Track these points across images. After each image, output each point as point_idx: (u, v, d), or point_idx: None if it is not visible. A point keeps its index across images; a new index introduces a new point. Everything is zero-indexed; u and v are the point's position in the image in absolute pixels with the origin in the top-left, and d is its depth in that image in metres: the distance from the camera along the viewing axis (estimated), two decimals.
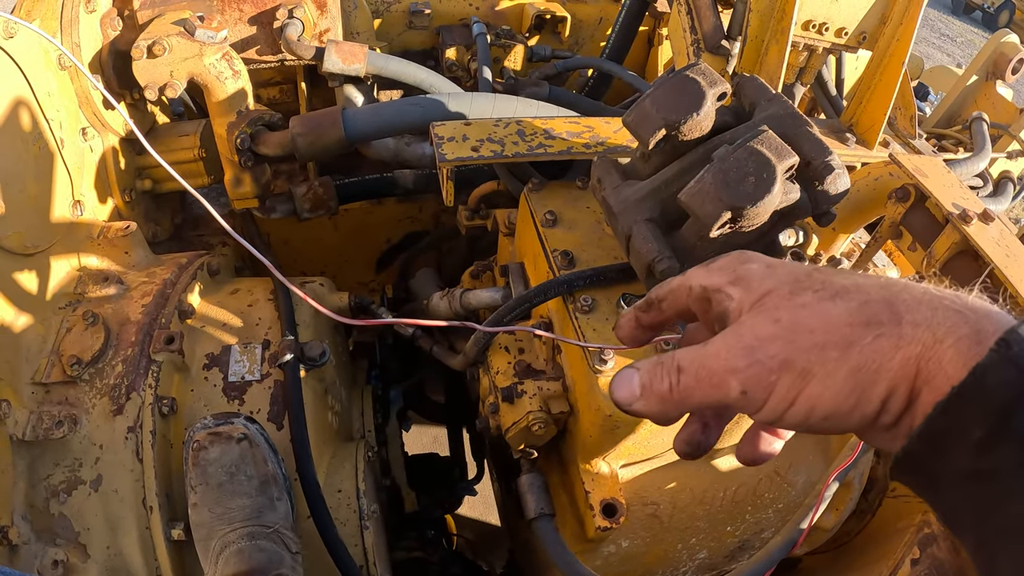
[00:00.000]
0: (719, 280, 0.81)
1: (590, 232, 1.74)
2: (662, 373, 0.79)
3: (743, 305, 0.77)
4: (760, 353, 0.73)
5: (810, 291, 0.74)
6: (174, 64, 2.06)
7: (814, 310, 0.72)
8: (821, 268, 0.78)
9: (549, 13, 3.09)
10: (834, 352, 0.69)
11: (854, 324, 0.70)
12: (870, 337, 0.68)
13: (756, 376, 0.73)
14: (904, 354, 0.67)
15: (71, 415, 1.64)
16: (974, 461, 0.63)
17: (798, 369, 0.71)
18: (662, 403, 0.79)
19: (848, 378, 0.69)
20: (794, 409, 0.72)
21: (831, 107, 2.65)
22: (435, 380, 2.87)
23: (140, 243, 2.07)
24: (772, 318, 0.74)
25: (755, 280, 0.78)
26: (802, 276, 0.76)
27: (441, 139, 1.77)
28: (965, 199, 1.79)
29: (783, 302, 0.74)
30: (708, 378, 0.76)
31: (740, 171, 1.22)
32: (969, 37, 16.22)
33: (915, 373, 0.67)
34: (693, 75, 1.38)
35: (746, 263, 0.81)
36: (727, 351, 0.75)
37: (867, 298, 0.71)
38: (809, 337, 0.71)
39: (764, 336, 0.73)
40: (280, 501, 1.61)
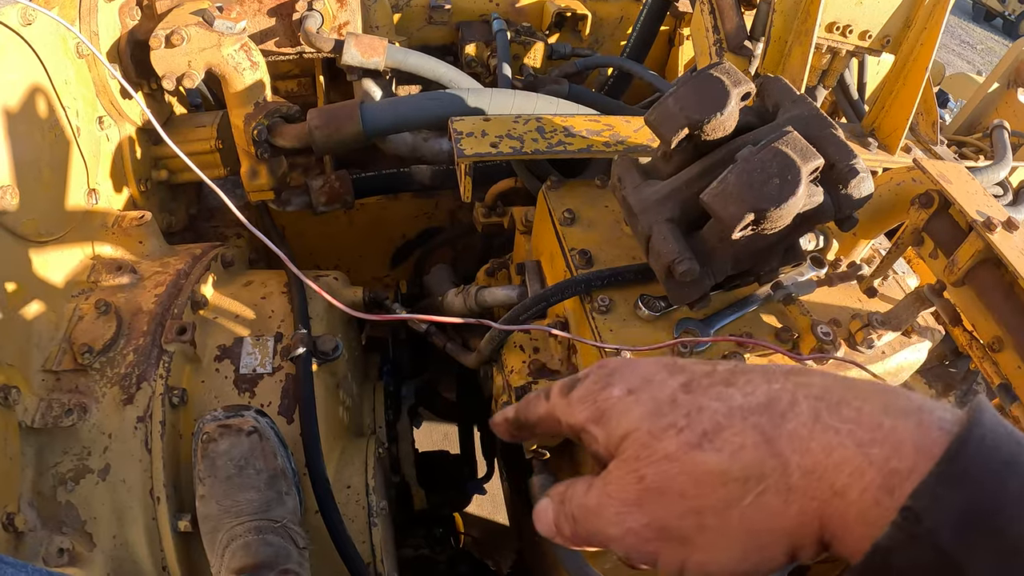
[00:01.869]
0: (581, 416, 0.71)
1: (609, 231, 1.73)
2: (563, 518, 0.71)
3: (609, 449, 0.68)
4: (630, 521, 0.64)
5: (673, 431, 0.63)
6: (192, 54, 2.05)
7: (681, 465, 0.62)
8: (692, 381, 0.67)
9: (570, 11, 3.08)
10: (712, 519, 0.60)
11: (728, 481, 0.59)
12: (751, 496, 0.58)
13: (632, 545, 0.65)
14: (799, 509, 0.57)
15: (81, 403, 1.63)
16: None
17: (676, 538, 0.62)
18: (573, 544, 0.72)
19: (735, 543, 0.60)
20: (687, 572, 0.64)
21: (852, 111, 2.63)
22: (447, 377, 2.86)
23: (154, 233, 2.06)
24: (636, 476, 0.64)
25: (614, 417, 0.68)
26: (665, 404, 0.65)
27: (460, 134, 1.75)
28: (989, 207, 1.76)
29: (644, 452, 0.64)
30: (595, 535, 0.68)
31: (764, 172, 1.20)
32: (989, 44, 16.13)
33: (819, 528, 0.57)
34: (717, 74, 1.36)
35: (605, 388, 0.70)
36: (600, 514, 0.67)
37: (742, 441, 0.60)
38: (680, 502, 0.62)
39: (630, 500, 0.64)
40: (288, 496, 1.60)
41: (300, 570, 1.52)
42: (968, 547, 0.48)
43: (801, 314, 1.58)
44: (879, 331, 1.59)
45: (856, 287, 1.77)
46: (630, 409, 0.67)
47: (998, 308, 1.56)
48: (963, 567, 0.48)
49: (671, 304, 1.51)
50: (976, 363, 1.61)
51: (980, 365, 1.59)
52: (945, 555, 0.49)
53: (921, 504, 0.50)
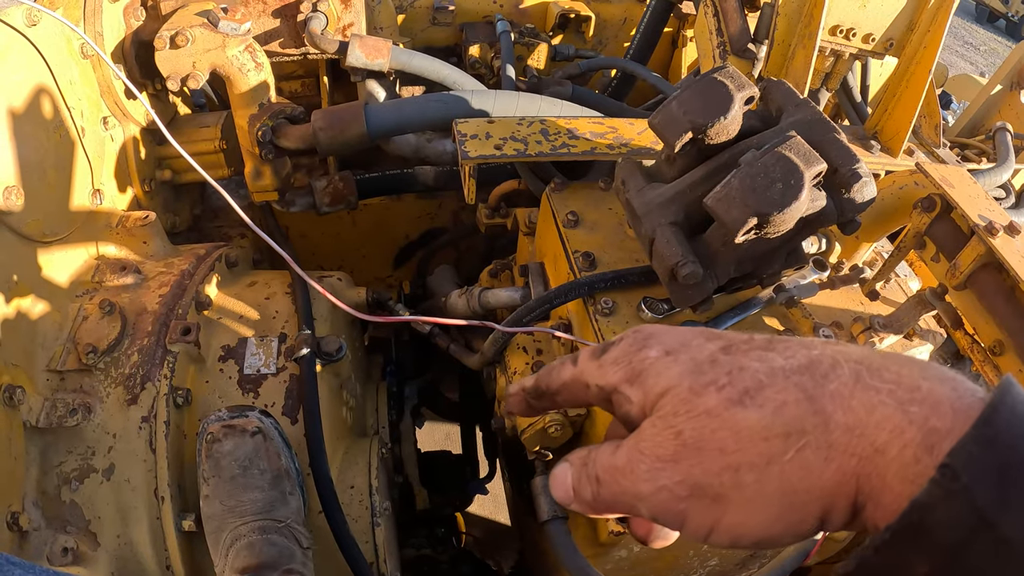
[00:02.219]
0: (614, 378, 0.70)
1: (612, 234, 1.73)
2: (585, 480, 0.70)
3: (644, 408, 0.67)
4: (664, 478, 0.63)
5: (713, 389, 0.63)
6: (197, 55, 2.05)
7: (721, 420, 0.61)
8: (732, 345, 0.67)
9: (573, 12, 3.09)
10: (750, 475, 0.60)
11: (770, 437, 0.59)
12: (792, 451, 0.58)
13: (663, 504, 0.63)
14: (837, 467, 0.57)
15: (85, 403, 1.64)
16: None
17: (710, 495, 0.61)
18: (591, 509, 0.70)
19: (771, 503, 0.59)
20: (716, 536, 0.63)
21: (855, 114, 2.63)
22: (449, 377, 2.86)
23: (158, 233, 2.07)
24: (674, 431, 0.63)
25: (651, 376, 0.67)
26: (705, 364, 0.65)
27: (464, 136, 1.76)
28: (991, 211, 1.77)
29: (683, 408, 0.63)
30: (621, 496, 0.67)
31: (767, 177, 1.20)
32: (992, 46, 16.11)
33: (855, 488, 0.57)
34: (721, 78, 1.37)
35: (642, 350, 0.69)
36: (631, 471, 0.65)
37: (784, 398, 0.60)
38: (719, 458, 0.61)
39: (666, 456, 0.63)
40: (292, 496, 1.61)
41: (304, 570, 1.53)
42: (1002, 505, 0.49)
43: (803, 317, 1.59)
44: (881, 334, 1.60)
45: (858, 290, 1.77)
46: (669, 368, 0.66)
47: (999, 312, 1.56)
48: (996, 524, 0.49)
49: (674, 307, 1.52)
50: (977, 366, 1.62)
51: (981, 368, 1.60)
52: (980, 512, 0.49)
53: (959, 462, 0.50)
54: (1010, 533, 0.49)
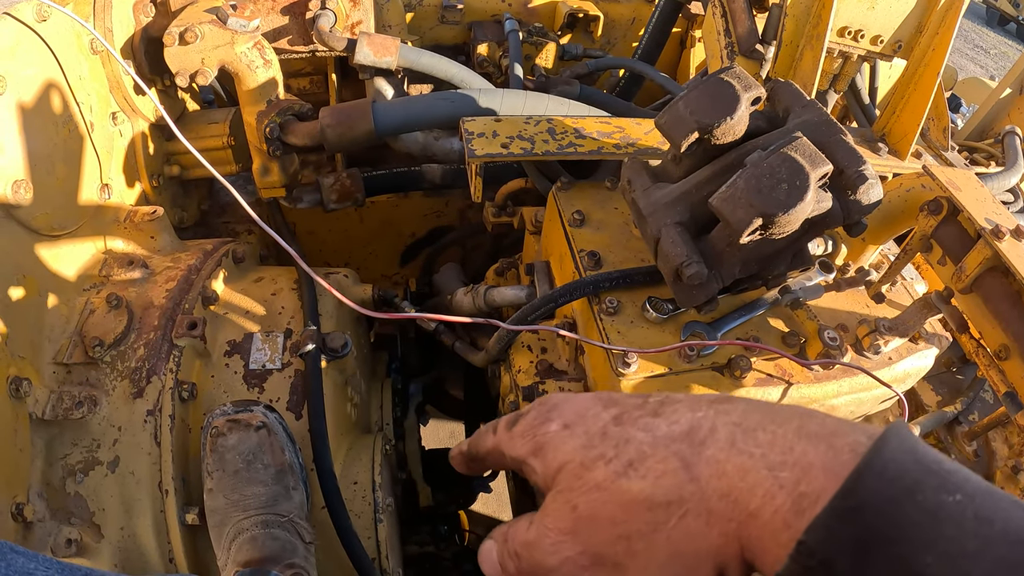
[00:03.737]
0: (522, 451, 0.74)
1: (618, 233, 1.73)
2: (507, 556, 0.72)
3: (547, 481, 0.71)
4: (566, 550, 0.66)
5: (602, 462, 0.66)
6: (205, 52, 2.06)
7: (609, 493, 0.64)
8: (623, 414, 0.70)
9: (582, 12, 3.09)
10: (640, 543, 0.62)
11: (653, 506, 0.62)
12: (674, 519, 0.61)
13: (571, 574, 0.66)
14: (719, 531, 0.59)
15: (91, 396, 1.64)
16: None
17: (609, 564, 0.64)
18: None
19: (664, 568, 0.62)
20: None
21: (864, 115, 2.63)
22: (454, 375, 2.87)
23: (166, 228, 2.07)
24: (570, 505, 0.67)
25: (550, 450, 0.71)
26: (596, 437, 0.68)
27: (471, 135, 1.76)
28: (998, 214, 1.76)
29: (576, 482, 0.67)
30: (536, 569, 0.69)
31: (773, 177, 1.20)
32: (1003, 49, 16.04)
33: (740, 548, 0.59)
34: (728, 78, 1.37)
35: (544, 424, 0.73)
36: (539, 545, 0.68)
37: (664, 468, 0.62)
38: (611, 528, 0.64)
39: (565, 529, 0.66)
40: (296, 491, 1.61)
41: (306, 564, 1.53)
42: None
43: (808, 319, 1.59)
44: (886, 337, 1.60)
45: (864, 293, 1.77)
46: (565, 442, 0.69)
47: (1005, 316, 1.56)
48: None
49: (679, 307, 1.52)
50: (982, 370, 1.61)
51: (986, 373, 1.59)
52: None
53: (815, 538, 0.51)
54: None
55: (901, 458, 0.52)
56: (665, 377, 1.46)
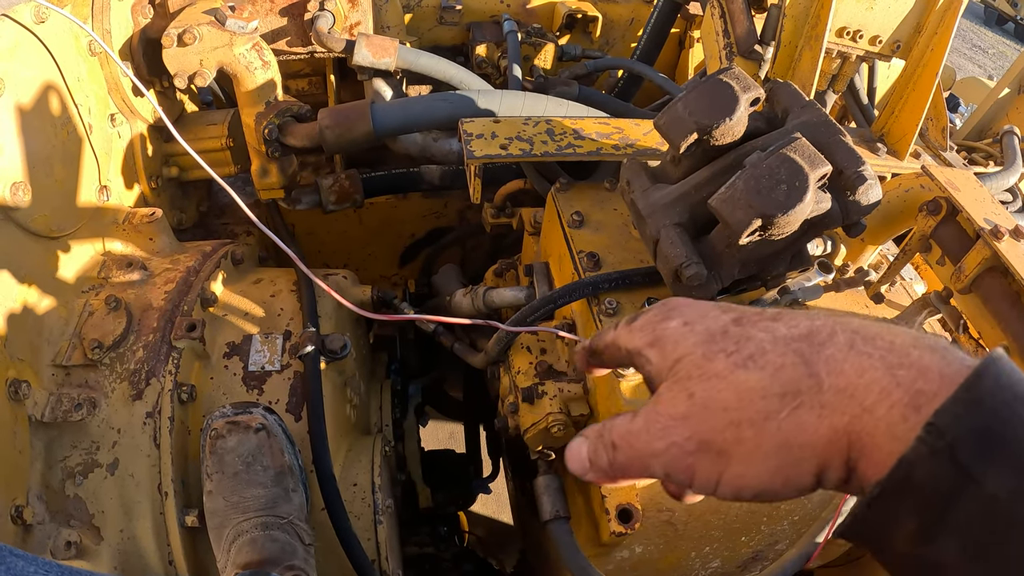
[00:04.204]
0: (638, 342, 0.78)
1: (617, 234, 1.73)
2: (601, 448, 0.75)
3: (661, 372, 0.74)
4: (675, 434, 0.69)
5: (723, 355, 0.69)
6: (204, 53, 2.06)
7: (727, 382, 0.67)
8: (743, 317, 0.73)
9: (580, 12, 3.09)
10: (749, 431, 0.65)
11: (768, 395, 0.65)
12: (787, 410, 0.64)
13: (674, 459, 0.69)
14: (830, 425, 0.62)
15: (90, 398, 1.64)
16: (916, 548, 0.58)
17: (715, 450, 0.67)
18: (606, 476, 0.76)
19: (769, 457, 0.65)
20: (721, 488, 0.68)
21: (862, 116, 2.63)
22: (454, 377, 2.87)
23: (165, 230, 2.07)
24: (686, 392, 0.70)
25: (670, 343, 0.74)
26: (717, 334, 0.72)
27: (470, 136, 1.76)
28: (997, 214, 1.77)
29: (696, 371, 0.70)
30: (636, 457, 0.72)
31: (772, 178, 1.20)
32: (1001, 49, 16.05)
33: (847, 445, 0.61)
34: (727, 79, 1.37)
35: (665, 320, 0.77)
36: (647, 431, 0.71)
37: (783, 362, 0.65)
38: (723, 415, 0.67)
39: (678, 415, 0.69)
40: (295, 492, 1.61)
41: (305, 566, 1.53)
42: (985, 463, 0.52)
43: None
44: None
45: (863, 293, 1.77)
46: (685, 337, 0.73)
47: (1004, 316, 1.56)
48: (979, 480, 0.52)
49: None
50: None
51: None
52: (964, 470, 0.53)
53: (944, 421, 0.54)
54: (996, 490, 0.52)
55: (1012, 372, 0.56)
56: None
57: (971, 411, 0.54)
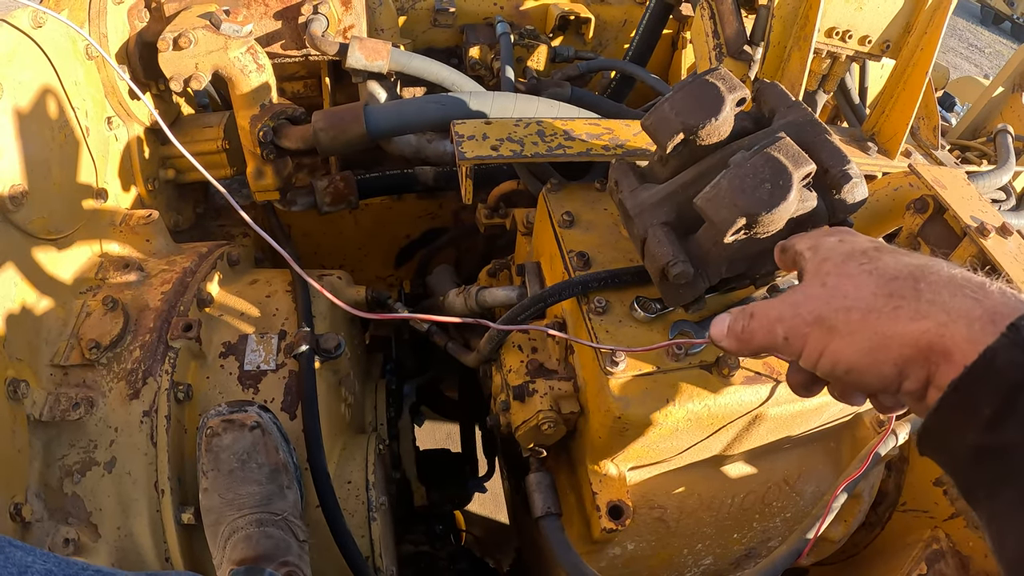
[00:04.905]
0: (803, 245, 1.04)
1: (607, 234, 1.74)
2: (741, 317, 1.01)
3: (811, 267, 0.98)
4: (803, 308, 0.92)
5: (856, 263, 0.91)
6: (199, 56, 2.07)
7: (853, 279, 0.88)
8: (881, 246, 0.94)
9: (573, 14, 3.10)
10: (856, 315, 0.85)
11: (879, 294, 0.84)
12: (890, 307, 0.82)
13: (795, 327, 0.92)
14: (918, 327, 0.78)
15: (88, 398, 1.66)
16: (985, 437, 0.71)
17: (827, 325, 0.88)
18: (737, 341, 1.02)
19: (865, 338, 0.83)
20: (823, 360, 0.89)
21: (854, 115, 2.65)
22: (449, 376, 2.88)
23: (161, 231, 2.09)
24: (821, 281, 0.93)
25: (824, 248, 0.98)
26: (858, 251, 0.93)
27: (461, 137, 1.77)
28: (984, 212, 1.78)
29: (834, 269, 0.93)
30: (766, 323, 0.96)
31: (756, 177, 1.22)
32: (997, 48, 16.06)
33: (928, 346, 0.77)
34: (713, 80, 1.39)
35: (828, 236, 1.02)
36: (783, 304, 0.95)
37: (897, 274, 0.85)
38: (842, 300, 0.87)
39: (811, 295, 0.92)
40: (290, 490, 1.63)
41: (300, 563, 1.55)
42: None
43: None
44: None
45: None
46: (836, 247, 0.97)
47: None
48: None
49: (666, 306, 1.53)
50: None
51: None
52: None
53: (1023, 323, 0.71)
54: None
55: None
56: (653, 376, 1.48)
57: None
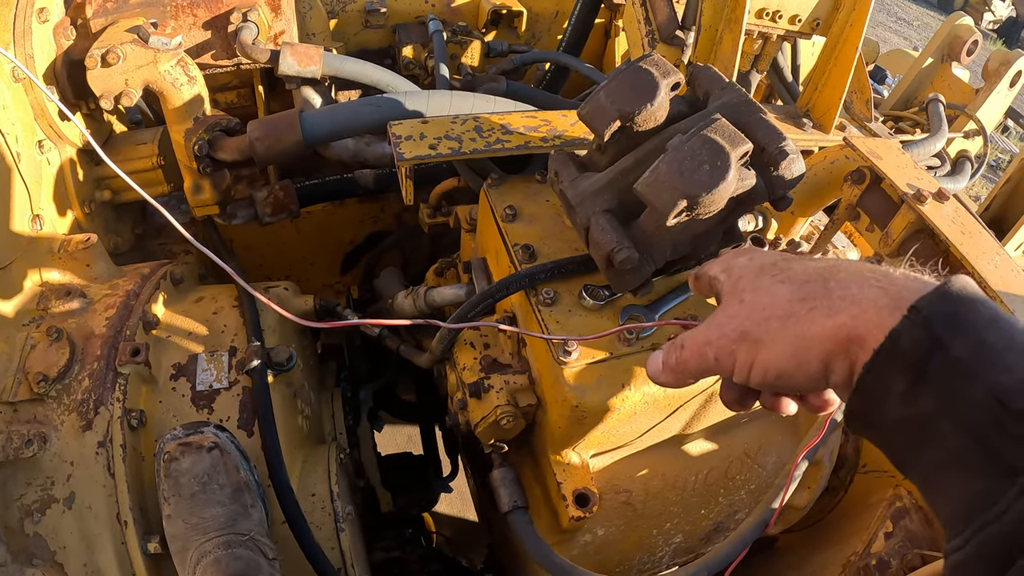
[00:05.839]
0: (716, 269, 1.08)
1: (551, 225, 1.75)
2: (671, 350, 1.05)
3: (727, 288, 1.02)
4: (727, 327, 0.96)
5: (769, 276, 0.95)
6: (129, 72, 2.04)
7: (768, 291, 0.93)
8: (788, 256, 0.99)
9: (505, 8, 3.10)
10: (776, 323, 0.90)
11: (793, 299, 0.89)
12: (806, 309, 0.87)
13: (723, 346, 0.96)
14: (834, 322, 0.84)
15: (40, 433, 1.62)
16: (902, 410, 0.77)
17: (752, 338, 0.92)
18: (673, 373, 1.06)
19: (788, 343, 0.88)
20: (754, 371, 0.93)
21: (788, 93, 2.68)
22: (405, 379, 2.87)
23: (101, 255, 2.05)
24: (739, 299, 0.97)
25: (736, 269, 1.02)
26: (768, 265, 0.98)
27: (399, 138, 1.77)
28: (919, 179, 1.82)
29: (749, 285, 0.97)
30: (696, 349, 1.00)
31: (694, 160, 1.23)
32: (925, 20, 16.37)
33: (846, 338, 0.83)
34: (646, 66, 1.40)
35: (737, 256, 1.06)
36: (709, 328, 0.99)
37: (808, 278, 0.90)
38: (761, 312, 0.92)
39: (732, 314, 0.97)
40: (254, 508, 1.61)
41: None
42: (952, 334, 0.74)
43: None
44: None
45: None
46: (746, 265, 1.01)
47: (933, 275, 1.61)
48: (949, 346, 0.74)
49: (614, 292, 1.54)
50: None
51: None
52: (936, 336, 0.74)
53: (922, 304, 0.76)
54: (959, 353, 0.73)
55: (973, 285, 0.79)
56: (607, 362, 1.49)
57: (942, 301, 0.76)
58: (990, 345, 0.73)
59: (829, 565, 1.92)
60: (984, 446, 0.70)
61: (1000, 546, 0.67)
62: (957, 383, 0.73)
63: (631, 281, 1.42)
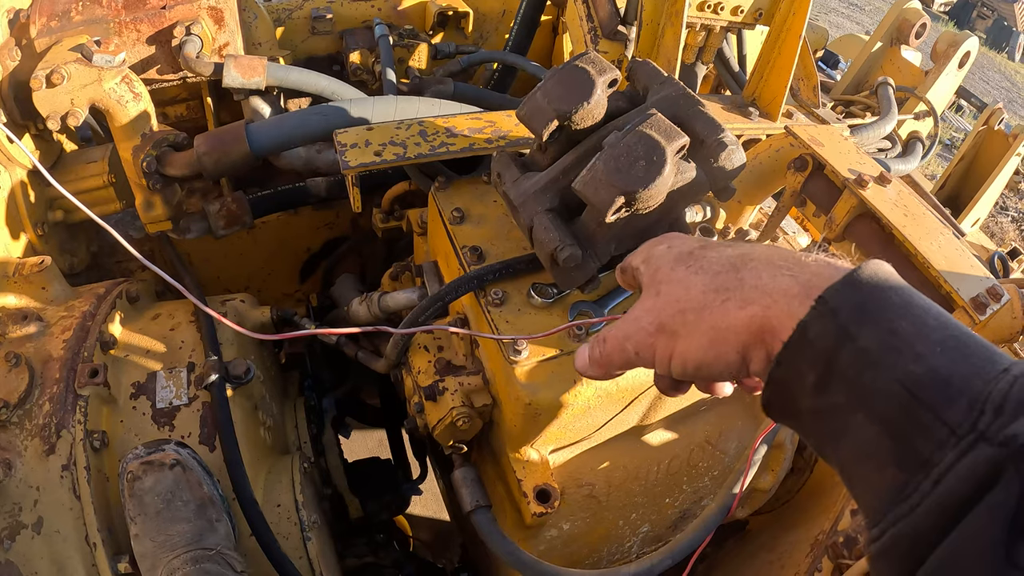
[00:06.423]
0: (637, 260, 1.07)
1: (498, 226, 1.77)
2: (596, 344, 1.04)
3: (646, 279, 1.01)
4: (644, 321, 0.96)
5: (683, 266, 0.95)
6: (74, 92, 2.03)
7: (683, 282, 0.93)
8: (706, 243, 0.99)
9: (451, 9, 3.10)
10: (692, 315, 0.90)
11: (707, 290, 0.89)
12: (719, 301, 0.87)
13: (641, 340, 0.96)
14: (747, 313, 0.84)
15: (4, 460, 1.61)
16: (815, 401, 0.77)
17: (668, 331, 0.93)
18: (598, 366, 1.05)
19: (704, 334, 0.88)
20: (674, 363, 0.93)
21: (735, 83, 2.70)
22: (369, 384, 2.87)
23: (56, 277, 2.04)
24: (656, 291, 0.97)
25: (654, 259, 1.01)
26: (684, 254, 0.98)
27: (344, 146, 1.77)
28: (861, 164, 1.85)
29: (665, 276, 0.97)
30: (617, 344, 1.00)
31: (630, 156, 1.25)
32: (877, 5, 16.53)
33: (760, 328, 0.83)
34: (582, 64, 1.41)
35: (657, 245, 1.05)
36: (627, 322, 0.99)
37: (721, 269, 0.90)
38: (675, 305, 0.92)
39: (648, 307, 0.96)
40: (220, 522, 1.61)
41: None
42: (858, 324, 0.73)
43: None
44: None
45: None
46: (664, 255, 1.00)
47: (878, 258, 1.64)
48: (856, 337, 0.73)
49: (562, 290, 1.56)
50: None
51: None
52: (843, 327, 0.74)
53: (829, 294, 0.76)
54: (867, 344, 0.72)
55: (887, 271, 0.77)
56: (558, 359, 1.51)
57: (850, 289, 0.76)
58: (900, 334, 0.72)
59: (799, 544, 1.94)
60: (896, 438, 0.70)
61: (913, 541, 0.66)
62: (866, 374, 0.72)
63: (577, 278, 1.44)
